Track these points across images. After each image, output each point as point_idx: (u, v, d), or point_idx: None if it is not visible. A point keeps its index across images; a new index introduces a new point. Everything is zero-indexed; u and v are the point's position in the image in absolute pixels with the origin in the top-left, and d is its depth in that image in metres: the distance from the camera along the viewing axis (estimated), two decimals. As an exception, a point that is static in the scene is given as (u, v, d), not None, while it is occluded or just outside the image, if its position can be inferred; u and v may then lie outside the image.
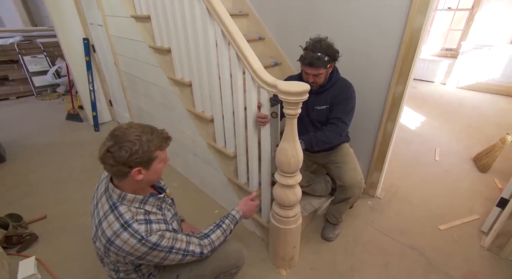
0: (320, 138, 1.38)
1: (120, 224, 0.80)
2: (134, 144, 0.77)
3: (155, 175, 0.87)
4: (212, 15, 1.22)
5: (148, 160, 0.81)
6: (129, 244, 0.78)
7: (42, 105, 4.01)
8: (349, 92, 1.44)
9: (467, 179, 2.16)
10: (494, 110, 3.48)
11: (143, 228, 0.80)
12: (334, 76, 1.44)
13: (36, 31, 4.58)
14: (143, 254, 0.81)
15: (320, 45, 1.32)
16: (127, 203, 0.84)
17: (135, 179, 0.81)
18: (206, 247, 0.95)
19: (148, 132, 0.82)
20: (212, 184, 1.92)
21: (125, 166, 0.78)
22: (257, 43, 2.19)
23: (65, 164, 2.45)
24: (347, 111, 1.42)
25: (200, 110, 1.64)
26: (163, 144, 0.85)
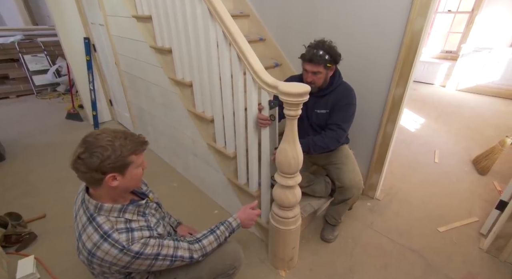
0: (318, 143, 1.38)
1: (99, 235, 0.77)
2: (106, 150, 0.74)
3: (133, 181, 0.84)
4: (214, 16, 1.23)
5: (122, 165, 0.78)
6: (110, 254, 0.76)
7: (42, 104, 4.01)
8: (350, 98, 1.43)
9: (467, 181, 2.16)
10: (493, 113, 3.49)
11: (124, 237, 0.78)
12: (336, 80, 1.43)
13: (37, 30, 4.59)
14: (127, 263, 0.79)
15: (323, 45, 1.33)
16: (105, 213, 0.81)
17: (110, 185, 0.78)
18: (197, 251, 0.93)
19: (121, 137, 0.79)
20: (212, 184, 1.92)
21: (98, 172, 0.75)
22: (258, 44, 2.20)
23: (64, 164, 2.43)
24: (347, 118, 1.42)
25: (201, 111, 1.64)
26: (138, 148, 0.82)
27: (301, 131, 1.43)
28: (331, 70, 1.39)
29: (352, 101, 1.43)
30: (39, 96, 4.29)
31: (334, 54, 1.34)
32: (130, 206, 0.85)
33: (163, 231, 0.95)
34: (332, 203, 1.60)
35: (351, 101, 1.43)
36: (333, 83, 1.43)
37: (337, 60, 1.37)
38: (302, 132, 1.47)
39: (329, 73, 1.39)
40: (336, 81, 1.43)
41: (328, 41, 1.36)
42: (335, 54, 1.35)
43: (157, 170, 2.34)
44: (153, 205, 0.97)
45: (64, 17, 2.67)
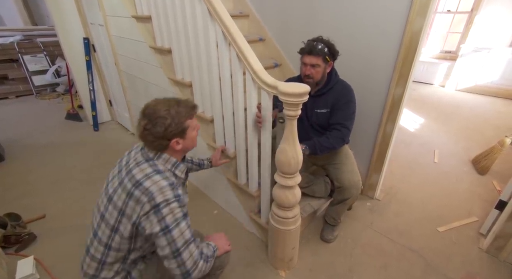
0: (323, 144, 1.38)
1: (153, 169, 0.85)
2: (165, 119, 0.85)
3: (191, 143, 0.95)
4: (213, 16, 1.23)
5: (182, 130, 0.88)
6: (158, 185, 0.81)
7: (42, 104, 4.01)
8: (350, 96, 1.44)
9: (466, 181, 2.16)
10: (492, 113, 3.49)
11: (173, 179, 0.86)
12: (332, 78, 1.44)
13: (36, 30, 4.58)
14: (164, 202, 0.79)
15: (322, 39, 1.36)
16: (162, 162, 0.90)
17: (175, 149, 0.90)
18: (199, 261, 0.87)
19: (175, 104, 0.88)
20: (212, 184, 1.92)
21: (164, 139, 0.86)
22: (258, 44, 2.20)
23: (64, 164, 2.45)
24: (348, 116, 1.43)
25: (200, 111, 1.64)
26: (191, 112, 0.92)
27: (302, 131, 1.43)
28: (329, 66, 1.39)
29: (352, 99, 1.44)
30: (38, 96, 4.29)
31: (333, 49, 1.36)
32: (181, 164, 0.95)
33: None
34: (331, 204, 1.61)
35: (351, 98, 1.44)
36: (330, 81, 1.44)
37: (335, 55, 1.39)
38: (302, 132, 1.47)
39: (327, 68, 1.39)
40: (333, 79, 1.45)
41: (327, 37, 1.38)
42: (333, 49, 1.37)
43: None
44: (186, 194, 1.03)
45: (63, 17, 2.67)
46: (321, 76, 1.38)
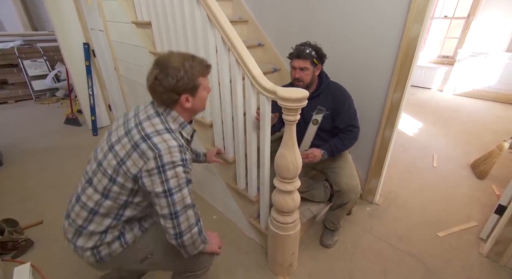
0: (339, 147, 1.46)
1: (165, 127, 0.83)
2: (178, 71, 0.80)
3: (201, 103, 0.91)
4: (212, 22, 1.24)
5: (193, 86, 0.84)
6: (168, 143, 0.78)
7: (41, 109, 4.01)
8: (346, 97, 1.48)
9: (465, 185, 2.16)
10: (490, 117, 3.51)
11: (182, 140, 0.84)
12: (324, 80, 1.48)
13: (36, 35, 4.60)
14: (170, 163, 0.77)
15: (309, 44, 1.41)
16: (170, 119, 0.86)
17: (184, 106, 0.86)
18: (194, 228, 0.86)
19: (190, 58, 0.84)
20: (211, 189, 1.91)
21: (174, 92, 0.82)
22: (257, 49, 2.22)
23: (63, 169, 2.44)
24: (354, 116, 1.49)
25: (200, 116, 1.65)
26: (204, 70, 0.87)
27: (300, 134, 1.45)
28: (318, 69, 1.44)
29: (349, 98, 1.49)
30: (37, 101, 4.29)
31: (320, 52, 1.41)
32: (188, 126, 0.92)
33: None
34: (330, 208, 1.60)
35: (348, 98, 1.49)
36: (321, 83, 1.48)
37: (323, 59, 1.44)
38: (301, 135, 1.49)
39: (316, 71, 1.43)
40: (325, 81, 1.49)
41: (314, 42, 1.43)
42: (321, 53, 1.42)
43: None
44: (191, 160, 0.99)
45: (64, 22, 2.69)
46: (310, 78, 1.42)
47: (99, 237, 0.87)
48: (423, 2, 1.34)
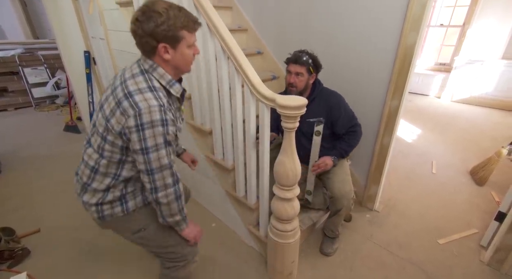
0: (347, 149, 1.51)
1: (148, 85, 0.81)
2: (160, 15, 0.77)
3: (183, 61, 0.87)
4: (212, 31, 1.26)
5: (173, 36, 0.81)
6: (148, 102, 0.77)
7: (40, 116, 4.02)
8: (340, 101, 1.51)
9: (465, 192, 2.16)
10: (488, 123, 3.53)
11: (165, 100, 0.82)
12: (316, 87, 1.51)
13: (37, 43, 4.65)
14: (149, 123, 0.77)
15: (307, 52, 1.45)
16: (157, 76, 0.85)
17: (163, 57, 0.83)
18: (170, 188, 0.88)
19: (176, 8, 0.81)
20: (210, 196, 1.90)
21: (152, 38, 0.79)
22: (256, 57, 2.24)
23: (61, 176, 2.43)
24: (352, 117, 1.52)
25: (199, 123, 1.65)
26: (190, 24, 0.83)
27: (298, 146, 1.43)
28: (312, 78, 1.46)
29: (343, 102, 1.52)
30: (37, 108, 4.30)
31: (316, 62, 1.45)
32: (177, 84, 0.89)
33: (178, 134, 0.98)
34: (329, 216, 1.60)
35: (342, 102, 1.52)
36: (314, 90, 1.51)
37: (318, 68, 1.46)
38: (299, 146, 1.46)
39: (310, 79, 1.46)
40: (317, 88, 1.52)
41: (311, 51, 1.47)
42: (317, 62, 1.45)
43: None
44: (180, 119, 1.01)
45: (65, 31, 2.72)
46: (304, 85, 1.44)
47: (102, 195, 0.92)
48: (419, 11, 1.36)
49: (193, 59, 0.91)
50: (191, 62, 0.90)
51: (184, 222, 0.99)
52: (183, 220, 0.98)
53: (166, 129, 0.81)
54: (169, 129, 0.82)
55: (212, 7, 1.26)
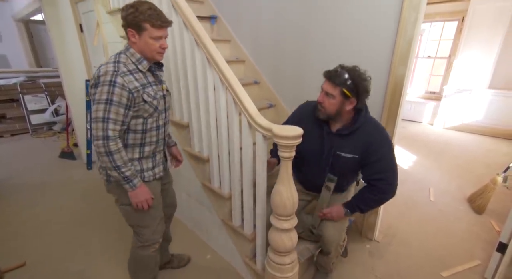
0: (362, 207, 1.25)
1: (114, 58, 1.05)
2: (132, 7, 1.00)
3: (147, 48, 1.05)
4: (211, 63, 1.31)
5: (137, 25, 1.01)
6: (106, 67, 1.01)
7: (36, 142, 4.00)
8: (382, 144, 1.20)
9: (464, 220, 2.13)
10: (481, 150, 3.58)
11: (124, 69, 1.02)
12: (360, 118, 1.21)
13: (40, 72, 4.78)
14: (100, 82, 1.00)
15: (353, 69, 1.14)
16: (128, 54, 1.06)
17: (131, 40, 1.05)
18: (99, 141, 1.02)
19: (149, 7, 1.01)
20: (205, 226, 1.85)
21: (124, 22, 1.02)
22: (253, 87, 2.32)
23: (53, 205, 2.36)
24: (384, 166, 1.20)
25: (197, 151, 1.66)
26: (153, 20, 1.01)
27: (316, 172, 1.33)
28: (350, 104, 1.16)
29: (387, 145, 1.20)
30: (34, 134, 4.30)
31: (358, 83, 1.11)
32: (145, 61, 1.08)
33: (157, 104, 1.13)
34: (319, 251, 1.47)
35: (386, 145, 1.19)
36: (356, 122, 1.21)
37: (359, 92, 1.13)
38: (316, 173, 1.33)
39: (347, 105, 1.16)
40: (361, 119, 1.20)
41: (363, 70, 1.16)
42: (360, 85, 1.12)
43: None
44: (160, 93, 1.15)
45: (68, 60, 2.82)
46: (334, 110, 1.17)
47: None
48: (406, 47, 1.45)
49: (160, 51, 1.08)
50: (156, 51, 1.07)
51: (127, 183, 1.09)
52: (124, 180, 1.08)
53: (112, 89, 0.99)
54: (115, 89, 0.99)
55: (211, 41, 1.33)
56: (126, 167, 1.07)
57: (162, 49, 1.08)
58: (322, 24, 1.82)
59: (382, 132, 1.22)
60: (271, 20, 2.13)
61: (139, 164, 1.18)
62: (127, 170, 1.07)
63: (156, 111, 1.13)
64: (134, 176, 1.10)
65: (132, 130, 1.11)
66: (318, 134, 1.30)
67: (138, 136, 1.13)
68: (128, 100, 1.02)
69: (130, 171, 1.08)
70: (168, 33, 1.11)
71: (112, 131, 1.02)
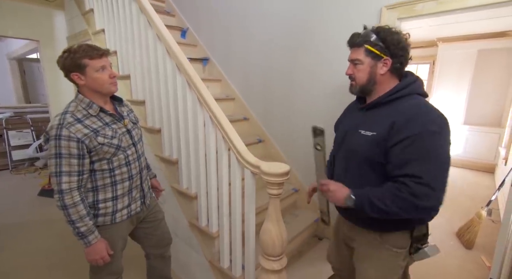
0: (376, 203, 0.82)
1: (64, 110, 1.05)
2: (65, 53, 1.04)
3: (97, 83, 1.06)
4: (201, 102, 1.38)
5: (77, 65, 1.02)
6: (52, 122, 1.03)
7: (15, 179, 3.82)
8: (413, 122, 0.81)
9: (455, 256, 2.11)
10: (464, 183, 3.68)
11: (70, 119, 1.02)
12: (398, 88, 0.90)
13: (28, 107, 4.76)
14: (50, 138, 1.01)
15: (377, 27, 0.91)
16: (77, 101, 1.07)
17: (79, 83, 1.06)
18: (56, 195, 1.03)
19: (80, 47, 1.03)
20: (191, 269, 1.75)
21: (64, 70, 1.05)
22: (243, 123, 2.39)
23: (27, 247, 2.19)
24: (420, 158, 0.79)
25: (185, 187, 1.64)
26: (90, 53, 1.03)
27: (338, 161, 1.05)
28: (384, 65, 0.90)
29: (430, 127, 0.79)
30: (13, 171, 4.12)
31: (385, 36, 0.87)
32: (95, 105, 1.08)
33: (118, 142, 1.12)
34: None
35: (429, 126, 0.80)
36: (392, 92, 0.91)
37: (391, 47, 0.87)
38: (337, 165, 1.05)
39: (379, 68, 0.90)
40: (399, 89, 0.90)
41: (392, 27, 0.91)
42: (387, 38, 0.87)
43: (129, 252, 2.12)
44: (122, 128, 1.16)
45: (59, 98, 2.85)
46: (366, 79, 0.92)
47: None
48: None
49: (111, 81, 1.10)
50: (108, 82, 1.09)
51: (81, 239, 1.06)
52: (79, 236, 1.06)
53: (58, 143, 0.99)
54: (61, 142, 0.99)
55: (202, 82, 1.41)
56: (81, 222, 1.04)
57: (112, 78, 1.09)
58: (306, 70, 1.98)
59: (417, 108, 0.84)
60: (260, 64, 2.29)
61: (113, 204, 1.15)
62: (83, 226, 1.04)
63: (119, 149, 1.12)
64: (90, 232, 1.07)
65: (99, 171, 1.10)
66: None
67: (106, 175, 1.12)
68: (79, 150, 1.01)
69: (86, 227, 1.05)
70: (110, 62, 1.12)
71: (67, 184, 1.01)
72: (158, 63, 1.65)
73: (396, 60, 0.90)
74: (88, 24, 2.48)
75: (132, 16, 1.78)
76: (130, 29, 1.84)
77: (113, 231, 1.18)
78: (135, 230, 1.33)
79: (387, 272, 0.97)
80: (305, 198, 1.25)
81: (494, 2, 1.27)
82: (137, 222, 1.31)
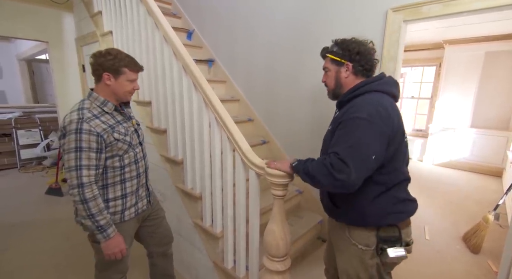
0: (308, 166, 0.93)
1: (78, 106, 1.08)
2: (110, 55, 1.10)
3: (121, 89, 1.14)
4: (207, 104, 1.39)
5: (116, 70, 1.10)
6: (70, 116, 1.04)
7: (23, 178, 3.89)
8: (358, 111, 0.93)
9: (461, 261, 2.09)
10: (471, 187, 3.63)
11: (88, 114, 1.06)
12: (356, 87, 1.01)
13: (37, 107, 4.85)
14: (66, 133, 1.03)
15: (344, 39, 1.07)
16: (92, 99, 1.11)
17: (105, 83, 1.11)
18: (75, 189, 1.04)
19: (126, 56, 1.13)
20: (196, 268, 1.76)
21: (100, 67, 1.10)
22: (247, 124, 2.40)
23: (30, 247, 2.22)
24: (343, 139, 0.92)
25: (190, 187, 1.66)
26: (131, 65, 1.13)
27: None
28: (347, 69, 1.03)
29: (358, 114, 0.91)
30: (22, 169, 4.20)
31: (345, 46, 1.03)
32: (110, 103, 1.13)
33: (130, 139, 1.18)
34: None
35: (358, 114, 0.92)
36: (351, 91, 1.02)
37: (350, 53, 1.02)
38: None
39: (343, 72, 1.04)
40: (357, 88, 1.01)
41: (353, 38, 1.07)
42: (346, 47, 1.03)
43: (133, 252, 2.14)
44: (131, 128, 1.23)
45: (67, 98, 2.90)
46: (334, 83, 1.07)
47: None
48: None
49: (132, 92, 1.19)
50: (128, 92, 1.17)
51: (100, 233, 1.08)
52: (98, 229, 1.07)
53: (79, 136, 1.01)
54: (83, 136, 1.02)
55: (207, 84, 1.42)
56: (101, 215, 1.06)
57: (133, 90, 1.20)
58: (310, 72, 1.98)
59: (359, 107, 0.94)
60: (264, 65, 2.30)
61: (123, 202, 1.19)
62: (102, 219, 1.07)
63: (130, 146, 1.18)
64: (109, 225, 1.09)
65: (111, 168, 1.14)
66: None
67: (117, 173, 1.16)
68: (98, 144, 1.05)
69: (105, 220, 1.08)
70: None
71: (87, 178, 1.04)
72: (165, 64, 1.67)
73: (356, 64, 1.03)
74: (96, 26, 2.52)
75: (140, 18, 1.81)
76: (137, 31, 1.87)
77: (122, 229, 1.19)
78: (138, 228, 1.35)
79: (356, 267, 1.04)
80: (309, 199, 1.26)
81: (500, 5, 1.26)
82: (142, 221, 1.33)
